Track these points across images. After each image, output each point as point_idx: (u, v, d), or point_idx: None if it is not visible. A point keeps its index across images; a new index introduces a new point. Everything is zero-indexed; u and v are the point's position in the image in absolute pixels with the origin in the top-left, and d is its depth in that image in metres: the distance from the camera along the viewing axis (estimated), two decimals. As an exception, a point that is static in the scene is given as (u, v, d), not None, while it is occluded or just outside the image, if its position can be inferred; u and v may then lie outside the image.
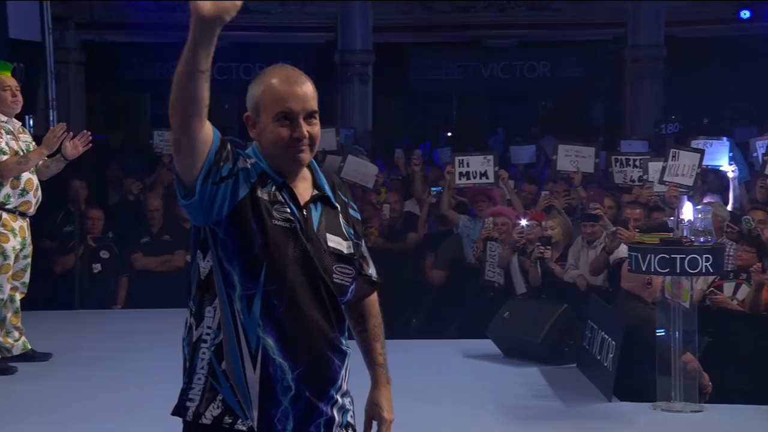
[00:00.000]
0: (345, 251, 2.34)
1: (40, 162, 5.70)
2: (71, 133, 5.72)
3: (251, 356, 2.20)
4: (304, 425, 2.26)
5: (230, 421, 2.21)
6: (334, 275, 2.30)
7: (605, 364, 5.37)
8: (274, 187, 2.26)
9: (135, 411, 4.80)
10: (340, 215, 2.37)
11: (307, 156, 2.29)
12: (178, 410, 2.28)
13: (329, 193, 2.36)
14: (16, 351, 5.85)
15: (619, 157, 8.10)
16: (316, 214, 2.30)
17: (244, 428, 2.22)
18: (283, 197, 2.26)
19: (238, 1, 2.00)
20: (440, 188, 8.21)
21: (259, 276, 2.20)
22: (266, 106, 2.24)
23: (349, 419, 2.39)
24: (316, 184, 2.34)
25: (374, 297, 2.53)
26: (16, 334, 5.87)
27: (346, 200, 2.41)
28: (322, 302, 2.27)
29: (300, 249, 2.24)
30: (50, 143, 5.59)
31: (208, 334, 2.23)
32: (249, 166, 2.24)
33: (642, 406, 5.17)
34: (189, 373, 2.26)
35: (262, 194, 2.23)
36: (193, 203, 2.18)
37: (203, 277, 2.24)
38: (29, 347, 5.91)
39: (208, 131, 2.15)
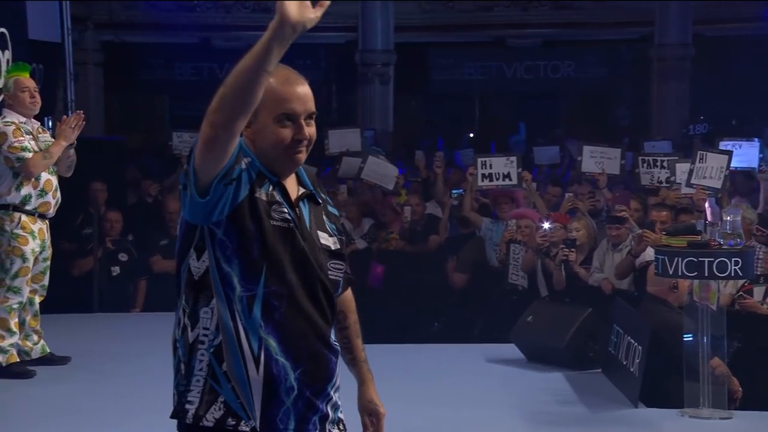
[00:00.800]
0: (333, 247, 2.37)
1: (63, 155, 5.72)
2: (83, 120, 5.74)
3: (254, 357, 2.22)
4: (303, 424, 2.29)
5: (233, 422, 2.22)
6: (329, 272, 2.33)
7: (631, 370, 5.34)
8: (270, 187, 2.27)
9: (153, 414, 4.81)
10: (323, 212, 2.40)
11: (304, 157, 2.31)
12: (177, 413, 2.27)
13: (313, 189, 2.39)
14: (35, 354, 5.89)
15: (646, 158, 8.04)
16: (306, 212, 2.33)
17: (247, 429, 2.23)
18: (279, 197, 2.28)
19: (318, 15, 2.02)
20: (461, 191, 8.18)
21: (260, 277, 2.21)
22: (266, 107, 2.22)
23: (340, 415, 2.42)
24: (300, 182, 2.36)
25: (350, 293, 2.57)
26: (35, 337, 5.90)
27: (324, 197, 2.45)
28: (318, 300, 2.29)
29: (298, 249, 2.26)
30: (66, 134, 5.63)
31: (205, 335, 2.24)
32: (246, 166, 2.23)
33: (669, 412, 5.14)
34: (186, 374, 2.26)
35: (260, 194, 2.24)
36: (206, 202, 2.18)
37: (197, 278, 2.24)
38: (48, 351, 5.95)
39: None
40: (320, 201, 2.39)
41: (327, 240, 2.35)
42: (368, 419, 2.52)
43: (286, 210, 2.27)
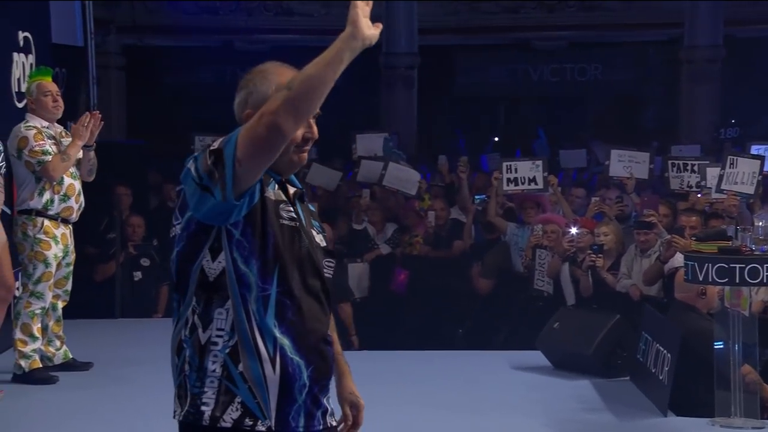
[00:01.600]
0: (324, 245, 2.46)
1: (80, 155, 5.77)
2: (101, 121, 5.80)
3: (269, 357, 2.26)
4: (310, 420, 2.35)
5: (251, 423, 2.26)
6: (324, 270, 2.41)
7: (660, 378, 5.31)
8: (276, 186, 2.33)
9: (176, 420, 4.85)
10: (308, 209, 2.47)
11: (306, 156, 2.39)
12: (192, 415, 2.29)
13: (302, 188, 2.46)
14: (58, 360, 5.93)
15: (675, 162, 7.98)
16: (300, 211, 2.39)
17: (263, 429, 2.27)
18: (283, 196, 2.34)
19: (377, 33, 2.24)
20: (483, 196, 8.15)
21: (273, 276, 2.27)
22: None
23: (332, 406, 2.49)
24: (290, 181, 2.43)
25: None
26: (58, 343, 5.95)
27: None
28: (319, 297, 2.36)
29: (304, 247, 2.33)
30: (80, 133, 5.67)
31: (219, 336, 2.27)
32: None
33: (699, 421, 5.10)
34: (199, 376, 2.28)
35: (269, 194, 2.30)
36: (240, 205, 2.21)
37: (212, 279, 2.27)
38: (70, 356, 6.00)
39: None
40: (305, 199, 2.47)
41: (318, 238, 2.44)
42: (349, 410, 2.58)
43: (291, 209, 2.33)
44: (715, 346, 5.10)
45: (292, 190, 2.39)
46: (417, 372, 6.13)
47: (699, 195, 7.33)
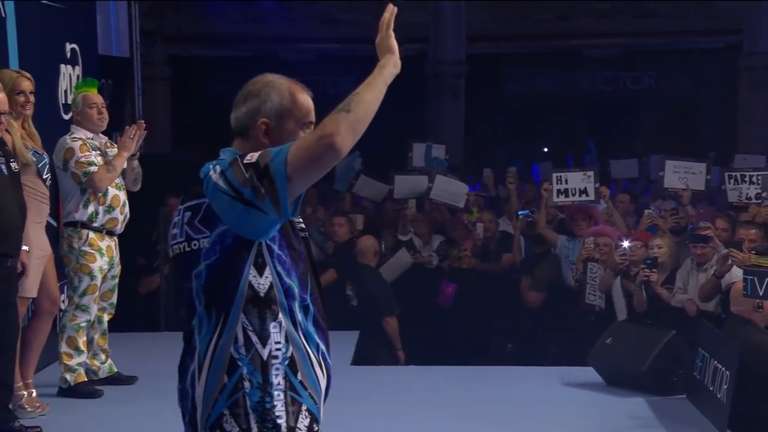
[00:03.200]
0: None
1: (126, 165, 5.85)
2: (145, 130, 5.89)
3: (318, 361, 2.44)
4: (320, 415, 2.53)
5: (317, 429, 2.42)
6: None
7: (718, 396, 5.23)
8: None
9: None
10: None
11: None
12: (269, 431, 2.36)
13: None
14: (103, 374, 5.99)
15: (733, 174, 7.88)
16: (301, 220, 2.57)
17: (318, 430, 2.44)
18: None
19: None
20: (527, 212, 8.04)
21: (308, 284, 2.44)
22: (294, 115, 2.47)
23: None
24: None
25: None
26: (103, 356, 6.02)
27: None
28: (323, 299, 2.53)
29: (311, 254, 2.52)
30: (126, 144, 5.75)
31: (278, 349, 2.38)
32: None
33: (759, 441, 5.02)
34: (265, 392, 2.36)
35: None
36: (282, 219, 2.34)
37: (263, 294, 2.37)
38: (115, 370, 6.06)
39: None
40: None
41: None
42: None
43: (301, 219, 2.51)
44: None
45: None
46: (465, 388, 6.11)
47: (759, 207, 7.23)
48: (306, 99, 2.50)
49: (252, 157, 2.32)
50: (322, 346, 2.45)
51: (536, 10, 15.14)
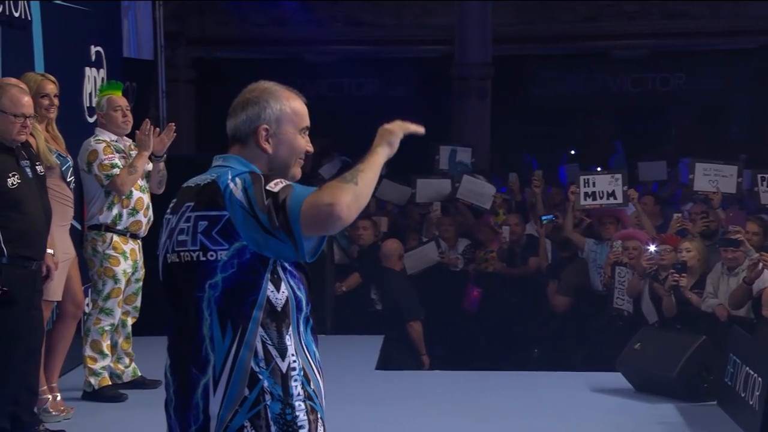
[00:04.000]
0: None
1: (150, 167, 5.88)
2: (157, 129, 5.90)
3: (319, 369, 2.55)
4: None
5: None
6: None
7: (750, 402, 5.19)
8: None
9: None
10: None
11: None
12: None
13: None
14: (127, 378, 6.03)
15: (765, 176, 7.81)
16: None
17: None
18: None
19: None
20: (551, 217, 7.98)
21: (307, 297, 2.56)
22: (292, 121, 2.62)
23: None
24: None
25: None
26: (127, 360, 6.06)
27: None
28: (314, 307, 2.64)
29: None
30: (143, 142, 5.78)
31: (294, 361, 2.48)
32: None
33: (791, 449, 4.97)
34: (287, 403, 2.45)
35: None
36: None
37: (279, 309, 2.47)
38: (139, 374, 6.09)
39: None
40: None
41: None
42: None
43: None
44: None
45: None
46: (490, 393, 6.09)
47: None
48: (302, 105, 2.65)
49: (276, 185, 2.44)
50: (317, 354, 2.56)
51: (563, 11, 15.07)
